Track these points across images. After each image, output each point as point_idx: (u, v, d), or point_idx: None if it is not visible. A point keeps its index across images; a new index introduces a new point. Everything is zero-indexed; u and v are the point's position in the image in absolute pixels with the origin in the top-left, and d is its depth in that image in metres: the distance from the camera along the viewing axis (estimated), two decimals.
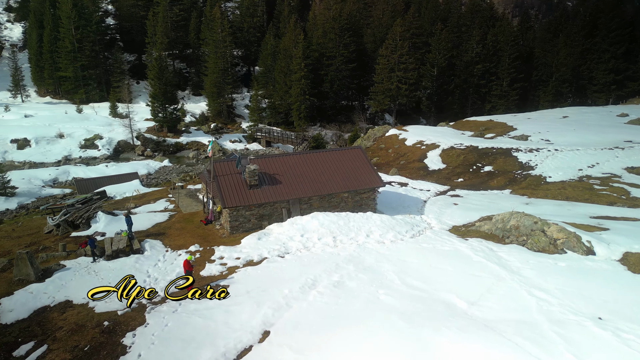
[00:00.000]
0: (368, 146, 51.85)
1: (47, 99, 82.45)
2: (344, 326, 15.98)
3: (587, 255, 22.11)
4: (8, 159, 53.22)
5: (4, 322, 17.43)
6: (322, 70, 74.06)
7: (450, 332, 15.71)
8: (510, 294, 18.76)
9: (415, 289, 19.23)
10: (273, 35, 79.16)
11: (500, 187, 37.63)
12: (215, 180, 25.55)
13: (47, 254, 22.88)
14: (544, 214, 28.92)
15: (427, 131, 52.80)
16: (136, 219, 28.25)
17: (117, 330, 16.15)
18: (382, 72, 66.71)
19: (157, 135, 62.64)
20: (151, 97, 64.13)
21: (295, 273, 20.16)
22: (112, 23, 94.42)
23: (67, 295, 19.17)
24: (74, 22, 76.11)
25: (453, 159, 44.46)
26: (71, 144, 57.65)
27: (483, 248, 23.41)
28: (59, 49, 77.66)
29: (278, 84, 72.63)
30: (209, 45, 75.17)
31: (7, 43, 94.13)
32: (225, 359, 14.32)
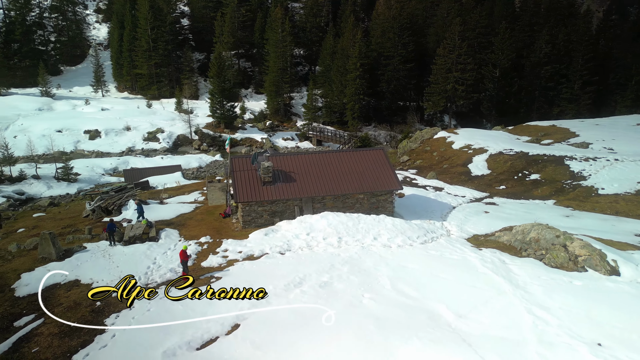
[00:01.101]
0: (413, 148, 50.67)
1: (125, 94, 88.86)
2: (313, 326, 15.97)
3: (610, 276, 20.25)
4: (79, 148, 58.26)
5: (17, 295, 19.32)
6: (379, 70, 73.29)
7: (420, 342, 15.20)
8: (506, 310, 17.73)
9: (405, 295, 18.71)
10: (333, 35, 79.56)
11: (544, 197, 35.24)
12: (231, 175, 26.38)
13: (74, 235, 24.94)
14: (583, 228, 26.92)
15: (479, 135, 50.54)
16: (163, 209, 29.93)
17: (104, 311, 17.33)
18: (439, 73, 64.69)
19: (214, 130, 65.49)
20: (210, 95, 67.06)
21: (288, 270, 20.36)
22: (186, 24, 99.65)
23: (78, 275, 20.80)
24: (150, 23, 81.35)
25: (499, 165, 42.24)
26: (136, 136, 61.88)
27: (494, 260, 22.17)
28: (136, 47, 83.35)
29: (334, 84, 72.94)
30: (270, 44, 77.07)
31: (94, 42, 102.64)
32: (188, 347, 14.86)
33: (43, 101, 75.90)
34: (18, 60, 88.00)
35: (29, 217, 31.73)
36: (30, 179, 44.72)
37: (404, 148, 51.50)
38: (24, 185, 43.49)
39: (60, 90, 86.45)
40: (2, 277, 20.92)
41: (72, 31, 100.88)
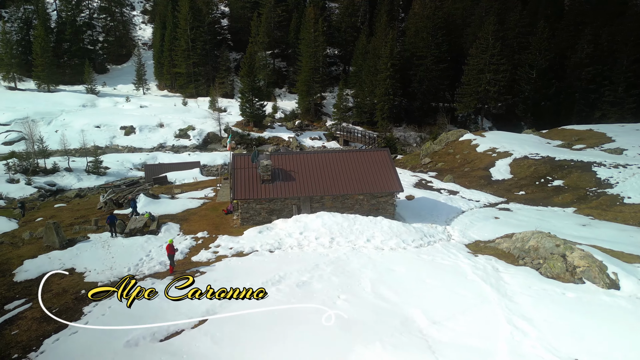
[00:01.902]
0: (436, 150, 49.58)
1: (165, 92, 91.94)
2: (277, 325, 16.03)
3: (609, 289, 19.16)
4: (114, 143, 60.92)
5: (15, 280, 20.51)
6: (411, 70, 72.21)
7: (381, 347, 15.01)
8: (486, 319, 17.19)
9: (382, 299, 18.46)
10: (366, 34, 79.10)
11: (565, 205, 33.62)
12: (232, 172, 26.83)
13: (80, 226, 26.15)
14: (596, 238, 25.67)
15: (506, 138, 48.79)
16: (171, 204, 30.84)
17: (86, 299, 18.08)
18: (471, 73, 62.92)
19: (243, 129, 66.69)
20: (240, 94, 68.32)
21: (270, 268, 20.51)
22: (225, 24, 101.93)
23: (74, 263, 21.82)
24: (189, 24, 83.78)
25: (523, 169, 40.65)
26: (168, 133, 63.99)
27: (487, 267, 21.45)
28: (176, 47, 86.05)
29: (364, 84, 72.52)
30: (302, 44, 77.54)
31: (139, 42, 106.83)
32: (152, 338, 15.29)
33: (87, 98, 79.83)
34: (68, 58, 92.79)
35: (50, 207, 33.55)
36: (63, 172, 47.24)
37: (427, 150, 50.48)
38: (56, 177, 46.00)
39: (105, 87, 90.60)
40: (7, 262, 22.26)
41: (119, 31, 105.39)
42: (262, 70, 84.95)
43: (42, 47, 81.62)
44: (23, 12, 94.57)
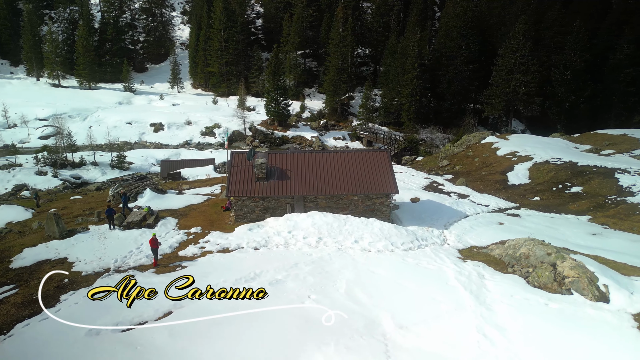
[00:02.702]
0: (456, 153, 48.34)
1: (199, 90, 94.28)
2: (237, 322, 16.12)
3: (597, 302, 18.18)
4: (143, 139, 63.07)
5: (11, 267, 21.61)
6: (440, 71, 70.75)
7: (334, 349, 14.89)
8: (457, 326, 16.73)
9: (354, 300, 18.25)
10: (396, 34, 78.12)
11: (580, 212, 32.03)
12: (229, 169, 27.21)
13: (83, 218, 27.25)
14: (604, 248, 24.45)
15: (530, 142, 46.95)
16: (176, 199, 31.65)
17: (66, 288, 18.85)
18: (499, 74, 60.89)
19: (267, 128, 67.39)
20: (266, 93, 69.05)
21: (249, 265, 20.67)
22: (259, 24, 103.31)
23: (68, 253, 22.76)
24: (223, 24, 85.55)
25: (542, 174, 39.04)
26: (194, 131, 65.61)
27: (472, 274, 20.78)
28: (210, 47, 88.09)
29: (392, 84, 71.69)
30: (331, 44, 77.48)
31: (177, 42, 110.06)
32: (114, 328, 15.71)
33: (124, 96, 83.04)
34: (109, 57, 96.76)
35: (66, 199, 35.14)
36: (89, 165, 49.35)
37: (446, 152, 49.33)
38: (82, 170, 48.12)
39: (143, 86, 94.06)
40: (9, 249, 23.51)
41: (159, 32, 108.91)
42: (292, 70, 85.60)
43: (84, 47, 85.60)
44: (69, 13, 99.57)
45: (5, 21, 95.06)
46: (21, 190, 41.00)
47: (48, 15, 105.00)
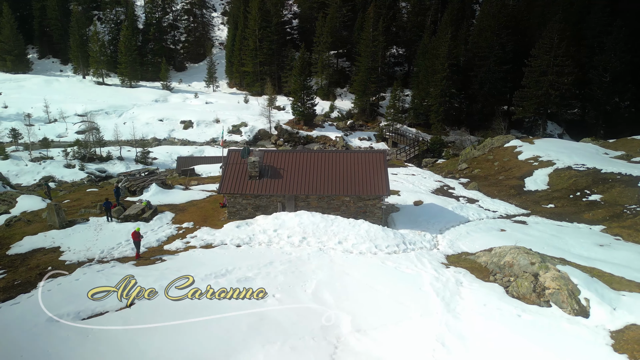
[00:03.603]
0: (476, 156, 46.80)
1: (233, 90, 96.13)
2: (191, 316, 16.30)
3: (575, 316, 17.28)
4: (172, 136, 65.05)
5: (7, 253, 22.87)
6: (472, 72, 68.71)
7: (277, 348, 14.91)
8: (416, 333, 16.46)
9: (318, 301, 18.18)
10: (429, 34, 76.50)
11: (594, 222, 30.24)
12: (224, 167, 27.62)
13: (86, 209, 28.41)
14: (607, 260, 23.26)
15: (555, 146, 44.77)
16: (180, 194, 32.48)
17: (45, 275, 19.69)
18: (531, 75, 58.31)
19: (293, 127, 67.81)
20: (292, 92, 69.48)
21: (224, 262, 20.90)
22: (295, 24, 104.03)
23: (62, 242, 23.83)
24: (258, 24, 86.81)
25: (562, 180, 37.16)
26: (221, 129, 66.82)
27: (451, 280, 20.15)
28: (245, 47, 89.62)
29: (421, 84, 70.35)
30: (361, 44, 76.94)
31: (216, 42, 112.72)
32: (76, 316, 16.25)
33: (161, 94, 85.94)
34: (151, 57, 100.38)
35: (82, 191, 36.77)
36: (115, 160, 51.47)
37: (466, 155, 47.87)
38: (108, 164, 50.26)
39: (181, 84, 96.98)
40: (12, 237, 24.90)
41: (199, 32, 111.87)
42: (325, 70, 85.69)
43: (126, 47, 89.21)
44: (115, 14, 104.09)
45: (57, 22, 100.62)
46: (48, 181, 43.34)
47: (97, 16, 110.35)
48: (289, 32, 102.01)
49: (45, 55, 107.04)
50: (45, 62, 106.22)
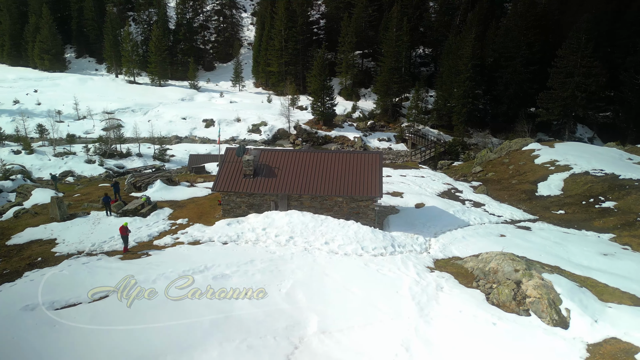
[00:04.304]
0: (492, 159, 45.45)
1: (259, 89, 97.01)
2: (156, 311, 16.51)
3: (554, 327, 16.65)
4: (193, 134, 66.28)
5: (7, 243, 23.87)
6: (497, 72, 66.86)
7: (234, 346, 14.99)
8: (382, 337, 16.33)
9: (290, 301, 18.18)
10: (455, 33, 74.93)
11: (604, 229, 28.86)
12: (220, 164, 27.90)
13: (89, 203, 29.27)
14: (607, 270, 22.31)
15: (576, 151, 42.94)
16: (183, 191, 33.19)
17: (34, 266, 20.50)
18: (557, 77, 56.12)
19: (312, 127, 67.81)
20: (312, 92, 69.52)
21: (205, 259, 21.06)
22: (323, 24, 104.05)
23: (59, 235, 24.68)
24: (284, 24, 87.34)
25: (576, 186, 35.64)
26: (242, 128, 67.74)
27: (431, 285, 19.74)
28: (270, 47, 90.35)
29: (444, 85, 69.01)
30: (384, 44, 76.19)
31: (245, 42, 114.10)
32: (50, 305, 16.72)
33: (188, 92, 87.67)
34: (181, 56, 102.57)
35: (95, 185, 37.86)
36: (134, 156, 52.90)
37: (481, 158, 46.57)
38: (127, 160, 51.72)
39: (209, 83, 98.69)
40: (15, 228, 26.02)
41: (228, 32, 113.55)
42: (349, 70, 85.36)
43: (156, 47, 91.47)
44: (147, 15, 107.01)
45: (93, 22, 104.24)
46: (67, 176, 45.06)
47: (132, 17, 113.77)
48: (316, 32, 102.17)
49: (82, 55, 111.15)
50: (82, 61, 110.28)
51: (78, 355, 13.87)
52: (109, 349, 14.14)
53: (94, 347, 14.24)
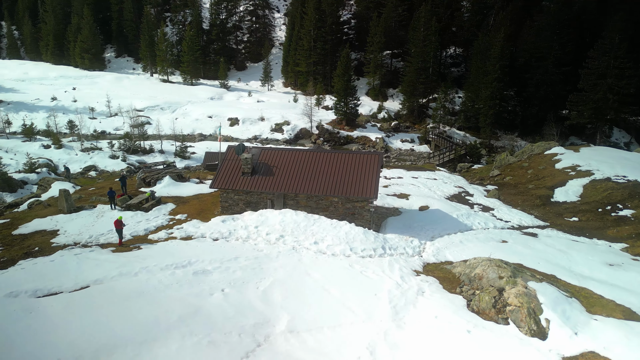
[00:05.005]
0: (510, 162, 43.94)
1: (288, 89, 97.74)
2: (131, 302, 16.84)
3: (531, 337, 16.03)
4: (217, 132, 67.35)
5: (13, 233, 24.99)
6: (527, 73, 64.67)
7: (193, 341, 15.05)
8: (350, 338, 16.16)
9: (264, 299, 18.19)
10: (484, 33, 72.97)
11: (617, 239, 27.42)
12: (221, 162, 28.26)
13: (97, 197, 30.28)
14: (609, 282, 21.31)
15: (601, 156, 40.88)
16: (190, 187, 33.93)
17: (32, 254, 21.35)
18: (588, 78, 53.63)
19: (334, 127, 67.62)
20: (335, 92, 69.29)
21: (191, 254, 21.32)
22: (353, 24, 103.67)
23: (62, 226, 25.64)
24: (313, 24, 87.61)
25: (596, 192, 33.99)
26: (265, 127, 68.38)
27: (413, 289, 19.38)
28: (299, 47, 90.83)
29: (472, 86, 67.35)
30: (411, 44, 75.14)
31: (277, 42, 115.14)
32: (33, 293, 17.33)
33: (217, 91, 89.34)
34: (213, 56, 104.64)
35: (111, 180, 39.14)
36: (156, 153, 54.32)
37: (501, 161, 45.11)
38: (149, 157, 53.18)
39: (239, 83, 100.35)
40: (24, 219, 27.21)
41: (261, 32, 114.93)
42: (378, 70, 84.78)
43: (189, 46, 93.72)
44: (182, 16, 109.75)
45: (132, 23, 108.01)
46: (90, 170, 46.82)
47: (169, 18, 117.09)
48: (346, 32, 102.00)
49: (121, 54, 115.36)
50: (121, 61, 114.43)
51: (44, 341, 14.30)
52: (74, 337, 14.52)
53: (60, 334, 14.67)
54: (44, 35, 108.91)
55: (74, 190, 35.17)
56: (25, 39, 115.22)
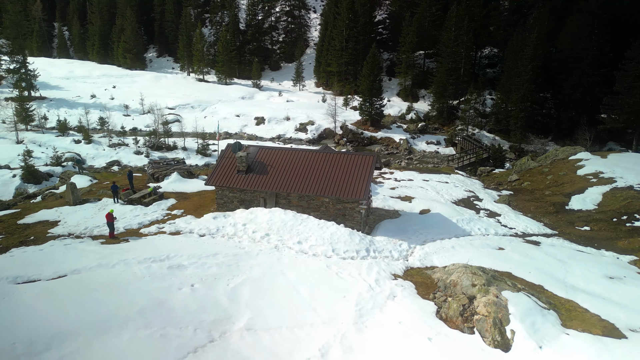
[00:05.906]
0: (531, 167, 42.09)
1: (319, 89, 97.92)
2: (98, 293, 17.35)
3: (494, 348, 15.50)
4: (243, 130, 68.47)
5: (18, 222, 26.30)
6: (562, 75, 61.80)
7: (147, 333, 15.41)
8: (306, 339, 16.20)
9: (231, 296, 18.38)
10: (518, 33, 70.25)
11: (627, 251, 25.76)
12: (219, 160, 28.67)
13: (102, 190, 31.40)
14: (603, 296, 20.30)
15: (627, 163, 38.44)
16: (195, 183, 34.72)
17: (26, 243, 22.40)
18: (624, 81, 50.56)
19: (358, 127, 67.10)
20: (361, 93, 68.70)
21: (173, 249, 21.72)
22: (388, 24, 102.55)
23: (63, 217, 26.77)
24: (345, 24, 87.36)
25: (615, 201, 32.07)
26: (290, 126, 68.75)
27: (385, 293, 19.06)
28: (331, 47, 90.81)
29: (504, 87, 65.10)
30: (442, 44, 73.49)
31: (312, 42, 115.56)
32: (13, 280, 18.20)
33: (249, 91, 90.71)
34: (249, 56, 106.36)
35: (125, 174, 40.46)
36: (179, 150, 55.80)
37: (521, 166, 43.29)
38: (172, 153, 54.68)
39: (272, 83, 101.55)
40: (32, 209, 28.60)
41: (296, 33, 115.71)
42: (409, 70, 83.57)
43: (224, 46, 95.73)
44: (220, 17, 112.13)
45: (172, 24, 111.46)
46: (113, 165, 48.70)
47: (208, 18, 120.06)
48: (380, 32, 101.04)
49: (162, 54, 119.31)
50: (161, 60, 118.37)
51: (6, 325, 14.97)
52: (36, 323, 15.12)
53: (24, 319, 15.31)
54: (90, 35, 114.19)
55: (91, 183, 36.59)
56: (74, 39, 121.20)
